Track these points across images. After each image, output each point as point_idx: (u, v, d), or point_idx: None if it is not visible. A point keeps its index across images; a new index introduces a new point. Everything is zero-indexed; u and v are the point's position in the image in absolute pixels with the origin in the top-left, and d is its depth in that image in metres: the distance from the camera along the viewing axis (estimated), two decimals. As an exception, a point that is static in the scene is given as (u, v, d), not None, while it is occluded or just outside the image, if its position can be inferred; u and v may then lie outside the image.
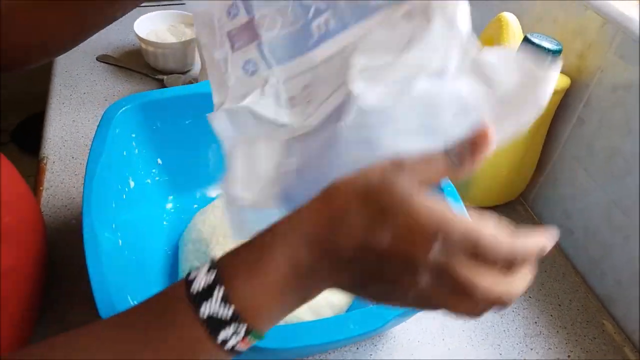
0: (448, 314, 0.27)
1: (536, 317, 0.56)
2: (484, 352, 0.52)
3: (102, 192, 0.47)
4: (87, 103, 0.77)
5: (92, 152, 0.49)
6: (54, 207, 0.61)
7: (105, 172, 0.49)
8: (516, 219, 0.68)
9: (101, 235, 0.43)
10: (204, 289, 0.27)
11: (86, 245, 0.41)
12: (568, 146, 0.62)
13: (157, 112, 0.57)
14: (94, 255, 0.41)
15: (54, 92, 0.78)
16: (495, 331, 0.54)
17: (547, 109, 0.59)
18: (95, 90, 0.80)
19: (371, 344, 0.52)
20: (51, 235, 0.57)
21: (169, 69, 0.83)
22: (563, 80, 0.58)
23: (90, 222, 0.43)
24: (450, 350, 0.52)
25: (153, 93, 0.57)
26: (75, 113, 0.75)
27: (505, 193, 0.66)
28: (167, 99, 0.57)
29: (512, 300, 0.27)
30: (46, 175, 0.65)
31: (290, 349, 0.37)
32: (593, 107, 0.58)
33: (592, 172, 0.59)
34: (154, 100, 0.56)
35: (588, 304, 0.58)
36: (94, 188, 0.46)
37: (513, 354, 0.53)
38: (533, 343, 0.54)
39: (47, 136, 0.70)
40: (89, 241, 0.42)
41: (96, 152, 0.49)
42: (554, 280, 0.60)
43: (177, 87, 0.62)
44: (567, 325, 0.56)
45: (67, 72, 0.82)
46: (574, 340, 0.55)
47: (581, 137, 0.60)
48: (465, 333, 0.54)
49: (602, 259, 0.58)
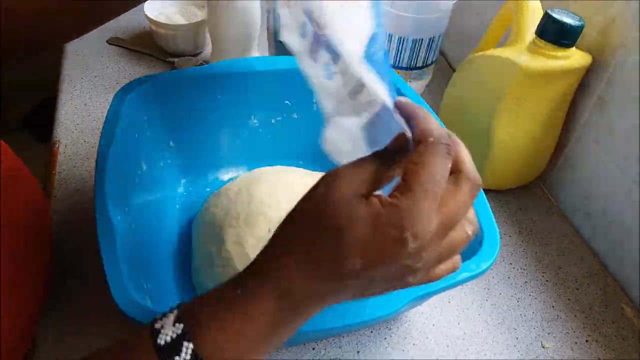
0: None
1: (553, 301, 0.55)
2: (500, 337, 0.52)
3: (114, 176, 0.47)
4: (99, 86, 0.76)
5: (104, 135, 0.49)
6: (66, 190, 0.61)
7: (117, 156, 0.48)
8: (534, 202, 0.66)
9: (114, 218, 0.43)
10: (171, 343, 0.27)
11: (99, 229, 0.41)
12: (588, 127, 0.60)
13: (169, 94, 0.56)
14: (107, 238, 0.41)
15: (65, 76, 0.78)
16: (511, 315, 0.54)
17: (566, 89, 0.57)
18: (106, 73, 0.79)
19: (386, 327, 0.51)
20: (64, 218, 0.57)
21: (180, 51, 0.82)
22: (584, 57, 0.56)
23: (102, 206, 0.43)
24: (466, 334, 0.52)
25: (164, 74, 0.56)
26: (87, 96, 0.74)
27: (522, 176, 0.65)
28: (178, 80, 0.56)
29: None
30: (58, 159, 0.65)
31: (306, 332, 0.36)
32: (615, 86, 0.56)
33: (613, 154, 0.57)
34: (165, 81, 0.56)
35: (607, 288, 0.57)
36: (106, 171, 0.46)
37: (530, 338, 0.52)
38: (550, 327, 0.53)
39: (58, 120, 0.70)
40: (102, 225, 0.42)
41: (108, 135, 0.49)
42: (572, 264, 0.59)
43: (189, 69, 0.61)
44: (585, 310, 0.55)
45: (77, 55, 0.81)
46: (592, 324, 0.54)
47: (602, 118, 0.58)
48: (481, 317, 0.53)
49: (621, 242, 0.57)
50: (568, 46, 0.54)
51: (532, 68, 0.54)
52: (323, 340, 0.50)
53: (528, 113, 0.58)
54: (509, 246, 0.61)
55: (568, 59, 0.55)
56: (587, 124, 0.60)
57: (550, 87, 0.56)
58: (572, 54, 0.55)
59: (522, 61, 0.54)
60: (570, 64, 0.55)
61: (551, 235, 0.62)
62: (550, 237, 0.62)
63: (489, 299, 0.55)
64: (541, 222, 0.64)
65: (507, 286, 0.56)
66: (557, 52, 0.54)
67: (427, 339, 0.51)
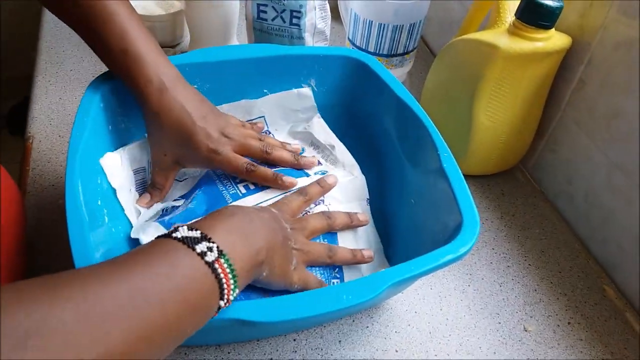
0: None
1: (536, 284, 0.55)
2: (483, 322, 0.51)
3: (86, 168, 0.46)
4: (74, 81, 0.75)
5: (75, 127, 0.48)
6: (40, 186, 0.59)
7: (90, 148, 0.47)
8: (516, 187, 0.66)
9: (85, 211, 0.42)
10: (193, 238, 0.32)
11: (69, 222, 0.40)
12: (569, 109, 0.60)
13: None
14: (78, 234, 0.40)
15: (40, 71, 0.76)
16: (494, 300, 0.53)
17: (547, 71, 0.57)
18: (82, 67, 0.77)
19: (367, 316, 0.51)
20: (38, 215, 0.56)
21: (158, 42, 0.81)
22: (564, 39, 0.55)
23: (73, 198, 0.42)
24: (449, 320, 0.51)
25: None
26: (62, 91, 0.73)
27: (504, 160, 0.65)
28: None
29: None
30: (32, 154, 0.63)
31: (281, 322, 0.35)
32: (595, 68, 0.56)
33: (594, 136, 0.57)
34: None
35: (589, 270, 0.57)
36: (77, 163, 0.45)
37: (512, 322, 0.52)
38: (533, 311, 0.53)
39: (32, 115, 0.69)
40: (72, 217, 0.40)
41: (79, 127, 0.48)
42: (555, 247, 0.59)
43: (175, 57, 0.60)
44: (567, 292, 0.55)
45: (52, 50, 0.80)
46: (575, 306, 0.54)
47: (582, 100, 0.58)
48: (463, 303, 0.53)
49: (603, 224, 0.57)
50: (547, 28, 0.53)
51: (512, 50, 0.54)
52: (304, 331, 0.49)
53: (509, 96, 0.57)
54: (491, 231, 0.60)
55: (548, 40, 0.54)
56: (568, 106, 0.60)
57: (530, 70, 0.56)
58: (551, 35, 0.54)
59: (502, 44, 0.54)
60: (550, 45, 0.54)
61: (534, 219, 0.62)
62: (533, 221, 0.62)
63: (471, 284, 0.55)
64: (523, 206, 0.64)
65: (489, 271, 0.56)
66: (537, 34, 0.53)
67: (409, 326, 0.50)
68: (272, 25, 0.67)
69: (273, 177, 0.51)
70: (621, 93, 0.52)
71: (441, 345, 0.49)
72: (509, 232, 0.60)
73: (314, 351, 0.48)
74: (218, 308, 0.33)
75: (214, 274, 0.32)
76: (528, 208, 0.63)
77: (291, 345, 0.48)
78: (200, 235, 0.33)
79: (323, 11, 0.67)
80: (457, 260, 0.40)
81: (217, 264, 0.32)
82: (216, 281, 0.32)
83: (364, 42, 0.72)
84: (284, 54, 0.59)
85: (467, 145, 0.61)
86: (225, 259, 0.33)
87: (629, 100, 0.51)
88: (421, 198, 0.51)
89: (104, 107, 0.52)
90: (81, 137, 0.47)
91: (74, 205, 0.41)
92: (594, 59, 0.56)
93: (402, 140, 0.55)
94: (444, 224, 0.45)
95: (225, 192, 0.51)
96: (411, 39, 0.71)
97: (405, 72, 0.78)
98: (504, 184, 0.66)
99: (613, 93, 0.53)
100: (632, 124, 0.52)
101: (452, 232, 0.43)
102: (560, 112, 0.61)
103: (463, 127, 0.61)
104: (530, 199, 0.65)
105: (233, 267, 0.33)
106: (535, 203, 0.64)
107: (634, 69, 0.50)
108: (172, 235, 0.33)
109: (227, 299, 0.33)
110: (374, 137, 0.59)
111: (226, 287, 0.32)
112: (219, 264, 0.32)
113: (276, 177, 0.51)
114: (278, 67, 0.59)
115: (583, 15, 0.56)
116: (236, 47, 0.59)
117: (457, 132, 0.62)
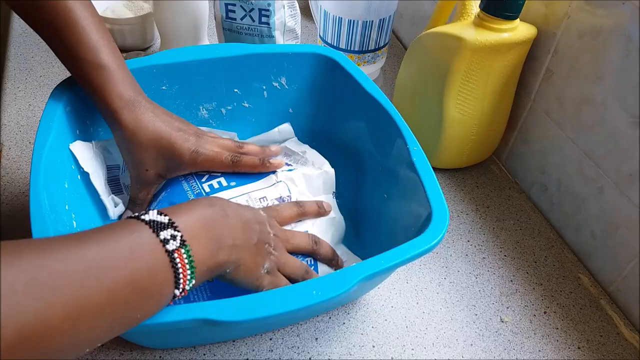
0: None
1: (512, 275, 0.55)
2: (459, 314, 0.51)
3: (52, 173, 0.45)
4: (44, 86, 0.74)
5: (40, 131, 0.47)
6: (10, 194, 0.58)
7: (56, 153, 0.47)
8: (490, 178, 0.66)
9: (51, 217, 0.41)
10: (159, 222, 0.32)
11: (33, 229, 0.39)
12: (538, 99, 0.60)
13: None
14: (42, 237, 0.39)
15: (9, 77, 0.75)
16: (470, 292, 0.53)
17: (514, 62, 0.57)
18: (52, 72, 0.76)
19: (344, 312, 0.50)
20: (10, 222, 0.55)
21: (128, 46, 0.80)
22: (529, 29, 0.56)
23: (37, 206, 0.41)
24: (425, 314, 0.51)
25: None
26: (32, 97, 0.72)
27: (477, 153, 0.65)
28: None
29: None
30: (2, 162, 0.62)
31: (249, 321, 0.35)
32: (561, 57, 0.56)
33: (563, 124, 0.57)
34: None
35: (564, 259, 0.57)
36: (42, 170, 0.44)
37: (489, 313, 0.52)
38: (509, 301, 0.53)
39: (2, 122, 0.67)
40: (37, 224, 0.40)
41: (44, 132, 0.47)
42: (529, 237, 0.59)
43: (130, 60, 0.59)
44: (543, 282, 0.55)
45: (21, 55, 0.79)
46: (550, 295, 0.54)
47: (551, 89, 0.58)
48: (439, 295, 0.53)
49: (576, 213, 0.57)
50: (512, 18, 0.54)
51: (478, 42, 0.54)
52: (280, 330, 0.49)
53: (478, 88, 0.58)
54: (466, 224, 0.60)
55: (513, 31, 0.54)
56: (537, 96, 0.60)
57: (498, 61, 0.56)
58: (516, 26, 0.55)
59: (468, 36, 0.54)
60: (516, 36, 0.55)
61: (509, 210, 0.62)
62: (508, 212, 0.62)
63: (447, 277, 0.55)
64: (498, 198, 0.64)
65: (465, 263, 0.56)
66: (502, 25, 0.54)
67: (386, 320, 0.50)
68: (242, 24, 0.67)
69: (260, 163, 0.51)
70: (588, 81, 0.53)
71: (418, 339, 0.49)
72: (484, 224, 0.60)
73: (290, 350, 0.47)
74: (173, 297, 0.33)
75: (171, 262, 0.32)
76: (502, 199, 0.64)
77: (267, 345, 0.48)
78: (167, 222, 0.33)
79: (292, 9, 0.67)
80: (427, 252, 0.40)
81: (177, 254, 0.32)
82: (172, 270, 0.32)
83: (335, 40, 0.72)
84: (252, 53, 0.58)
85: (439, 139, 0.61)
86: (185, 249, 0.32)
87: (596, 87, 0.52)
88: (393, 192, 0.51)
89: (70, 111, 0.51)
90: (45, 143, 0.46)
91: (38, 214, 0.40)
92: (560, 48, 0.56)
93: (373, 135, 0.55)
94: (415, 216, 0.45)
95: (189, 192, 0.50)
96: (382, 34, 0.71)
97: (379, 68, 0.78)
98: (478, 176, 0.66)
99: (580, 81, 0.54)
100: (599, 111, 0.52)
101: (423, 224, 0.43)
102: (530, 103, 0.62)
103: (434, 121, 0.61)
104: (504, 190, 0.65)
105: (192, 259, 0.33)
106: (510, 194, 0.64)
107: (600, 57, 0.51)
108: (140, 217, 0.33)
109: (183, 288, 0.33)
110: (346, 134, 0.59)
111: (182, 278, 0.32)
112: (179, 254, 0.32)
113: (263, 161, 0.51)
114: (247, 66, 0.59)
115: (547, 5, 0.56)
116: (203, 47, 0.59)
117: (429, 126, 0.62)
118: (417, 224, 0.45)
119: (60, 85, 0.52)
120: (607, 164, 0.52)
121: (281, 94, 0.61)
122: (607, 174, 0.52)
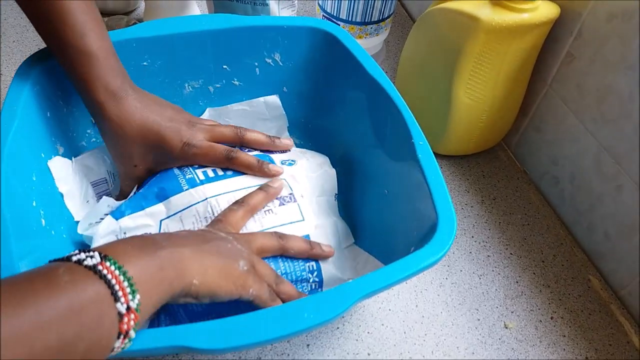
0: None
1: (518, 276, 0.52)
2: (461, 319, 0.48)
3: (18, 163, 0.41)
4: (17, 53, 0.68)
5: (3, 116, 0.42)
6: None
7: (22, 141, 0.42)
8: (498, 167, 0.62)
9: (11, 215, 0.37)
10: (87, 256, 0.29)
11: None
12: (555, 85, 0.55)
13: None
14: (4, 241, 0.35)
15: (-21, 42, 0.69)
16: (473, 294, 0.50)
17: (532, 45, 0.52)
18: (27, 37, 0.70)
19: (338, 317, 0.47)
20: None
21: (109, 9, 0.74)
22: (551, 9, 0.50)
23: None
24: (424, 318, 0.48)
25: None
26: (3, 66, 0.66)
27: (485, 139, 0.60)
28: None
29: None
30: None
31: (232, 348, 0.31)
32: (585, 40, 0.51)
33: (582, 115, 0.52)
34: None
35: (573, 259, 0.54)
36: (4, 161, 0.39)
37: (492, 318, 0.49)
38: (514, 305, 0.50)
39: (-30, 94, 0.62)
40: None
41: (8, 116, 0.42)
42: (537, 233, 0.56)
43: (112, 32, 0.53)
44: (550, 284, 0.52)
45: (-7, 18, 0.72)
46: (558, 299, 0.51)
47: (570, 75, 0.53)
48: (440, 298, 0.50)
49: (590, 210, 0.53)
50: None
51: (495, 23, 0.48)
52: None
53: (491, 73, 0.52)
54: (470, 217, 0.56)
55: (534, 11, 0.49)
56: (555, 82, 0.55)
57: (514, 44, 0.50)
58: (538, 5, 0.49)
59: (483, 15, 0.48)
60: (536, 16, 0.49)
61: (516, 202, 0.58)
62: (516, 205, 0.58)
63: (449, 277, 0.51)
64: (505, 189, 0.60)
65: (468, 262, 0.53)
66: (522, 4, 0.48)
67: (383, 326, 0.47)
68: (233, -9, 0.61)
69: (258, 165, 0.46)
70: (614, 69, 0.48)
71: (416, 347, 0.46)
72: (489, 218, 0.57)
73: (279, 357, 0.44)
74: (121, 315, 0.28)
75: (97, 275, 0.28)
76: (510, 191, 0.60)
77: (256, 352, 0.45)
78: (88, 251, 0.29)
79: (288, -25, 0.61)
80: (431, 266, 0.36)
81: (101, 266, 0.28)
82: (104, 283, 0.28)
83: (335, 9, 0.65)
84: (243, 26, 0.53)
85: (445, 125, 0.57)
86: (111, 262, 0.29)
87: (622, 78, 0.47)
88: (394, 188, 0.47)
89: (38, 91, 0.46)
90: (9, 130, 0.41)
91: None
92: (584, 30, 0.50)
93: (374, 123, 0.50)
94: (418, 220, 0.41)
95: (180, 177, 0.46)
96: (387, 4, 0.65)
97: (382, 41, 0.72)
98: (484, 164, 0.62)
99: (605, 69, 0.49)
100: (625, 103, 0.47)
101: (427, 232, 0.39)
102: (546, 87, 0.57)
103: (442, 105, 0.56)
104: (512, 180, 0.61)
105: (124, 270, 0.29)
106: (518, 185, 0.60)
107: (630, 43, 0.46)
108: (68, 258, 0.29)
109: (127, 304, 0.28)
110: (344, 119, 0.54)
111: (120, 290, 0.28)
112: (104, 266, 0.28)
113: (261, 164, 0.46)
114: (238, 40, 0.53)
115: (574, -19, 0.50)
116: (189, 18, 0.53)
117: (436, 110, 0.57)
118: (421, 229, 0.41)
119: (28, 60, 0.46)
120: (628, 162, 0.48)
121: (274, 72, 0.56)
122: (629, 172, 0.48)
